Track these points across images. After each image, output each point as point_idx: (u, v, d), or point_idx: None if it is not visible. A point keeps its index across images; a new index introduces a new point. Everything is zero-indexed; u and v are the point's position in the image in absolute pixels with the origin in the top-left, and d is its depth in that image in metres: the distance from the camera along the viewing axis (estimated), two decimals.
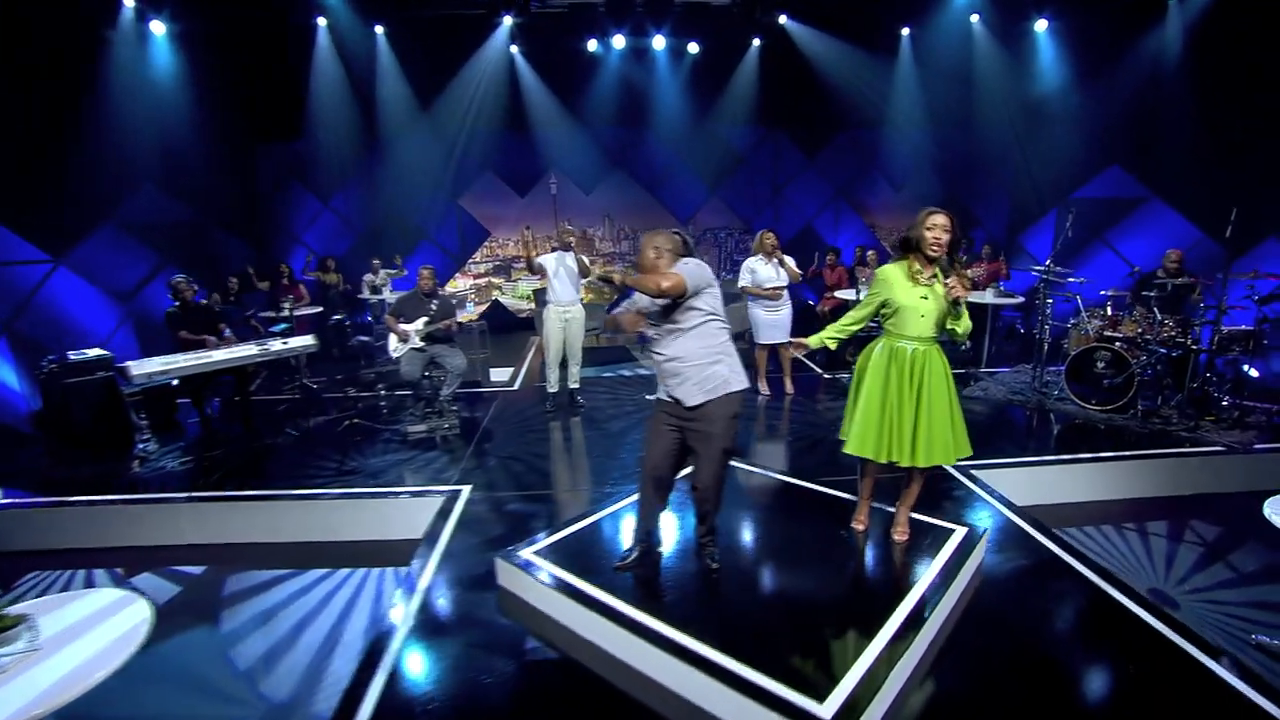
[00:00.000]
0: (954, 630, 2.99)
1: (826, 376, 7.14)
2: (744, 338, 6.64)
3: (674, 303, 2.93)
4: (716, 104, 10.16)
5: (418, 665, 2.83)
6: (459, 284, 10.78)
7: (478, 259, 10.86)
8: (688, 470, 3.30)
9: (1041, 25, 8.71)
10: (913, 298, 3.06)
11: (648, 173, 10.76)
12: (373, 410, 6.24)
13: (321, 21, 7.56)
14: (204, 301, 6.11)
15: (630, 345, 8.71)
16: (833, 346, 3.39)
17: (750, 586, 3.17)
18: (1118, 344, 5.73)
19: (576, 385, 6.21)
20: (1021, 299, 8.03)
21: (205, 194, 8.42)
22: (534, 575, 3.15)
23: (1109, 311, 5.95)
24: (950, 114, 9.99)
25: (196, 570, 4.01)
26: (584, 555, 3.35)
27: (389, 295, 8.38)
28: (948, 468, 4.58)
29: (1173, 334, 5.58)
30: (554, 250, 5.92)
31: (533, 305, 9.95)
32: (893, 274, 3.13)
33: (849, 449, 3.25)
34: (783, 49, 9.33)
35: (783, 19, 8.83)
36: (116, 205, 7.38)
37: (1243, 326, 5.90)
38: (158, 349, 5.51)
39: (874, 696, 2.39)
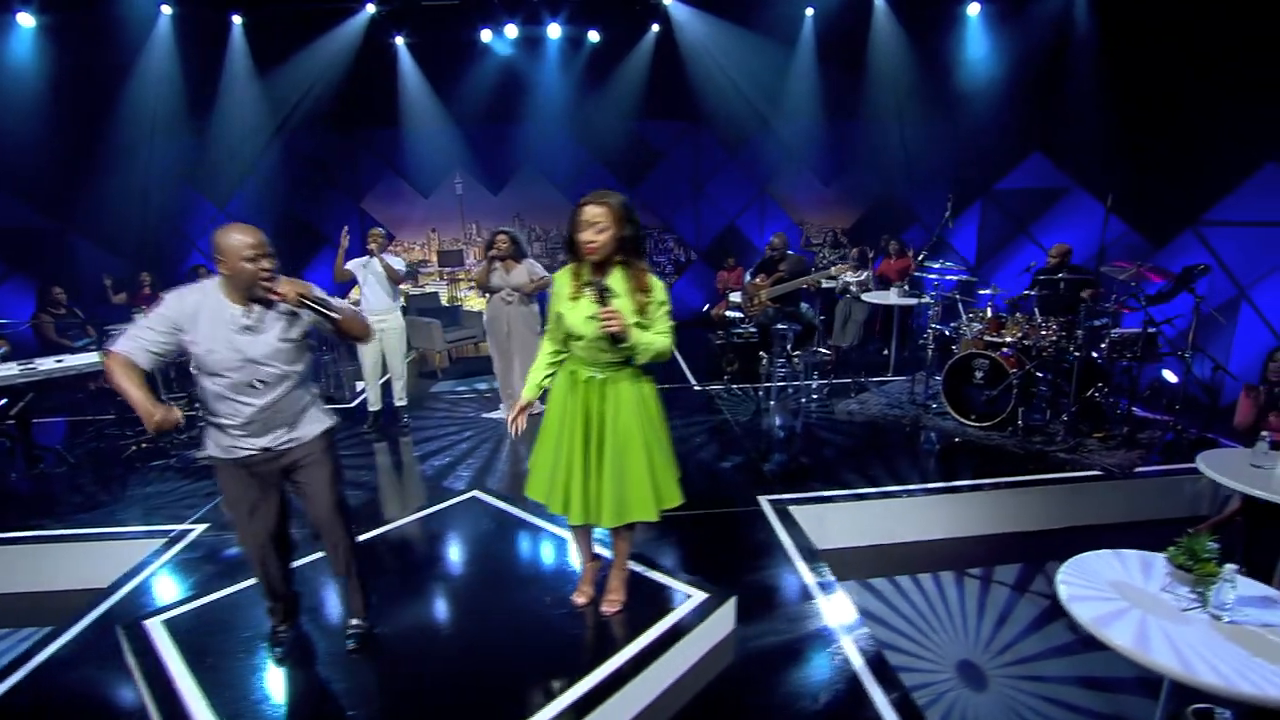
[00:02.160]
0: None
1: (696, 388, 6.49)
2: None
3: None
4: (628, 98, 9.52)
5: None
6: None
7: None
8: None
9: (974, 9, 8.01)
10: (577, 314, 2.40)
11: (559, 171, 10.15)
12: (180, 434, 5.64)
13: (166, 10, 6.95)
14: None
15: None
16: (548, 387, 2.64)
17: (401, 664, 2.55)
18: (1005, 350, 5.08)
19: (403, 402, 5.62)
20: (930, 298, 7.36)
21: (70, 199, 7.87)
22: (129, 658, 2.55)
23: (988, 314, 5.26)
24: (875, 105, 9.32)
25: None
26: (229, 627, 2.74)
27: None
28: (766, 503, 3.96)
29: (1056, 338, 4.90)
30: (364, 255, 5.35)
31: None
32: (561, 281, 2.48)
33: (527, 491, 2.63)
34: (683, 38, 8.69)
35: (669, 1, 8.13)
36: None
37: (1134, 329, 5.23)
38: None
39: None
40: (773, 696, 2.53)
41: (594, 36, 8.98)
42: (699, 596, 2.83)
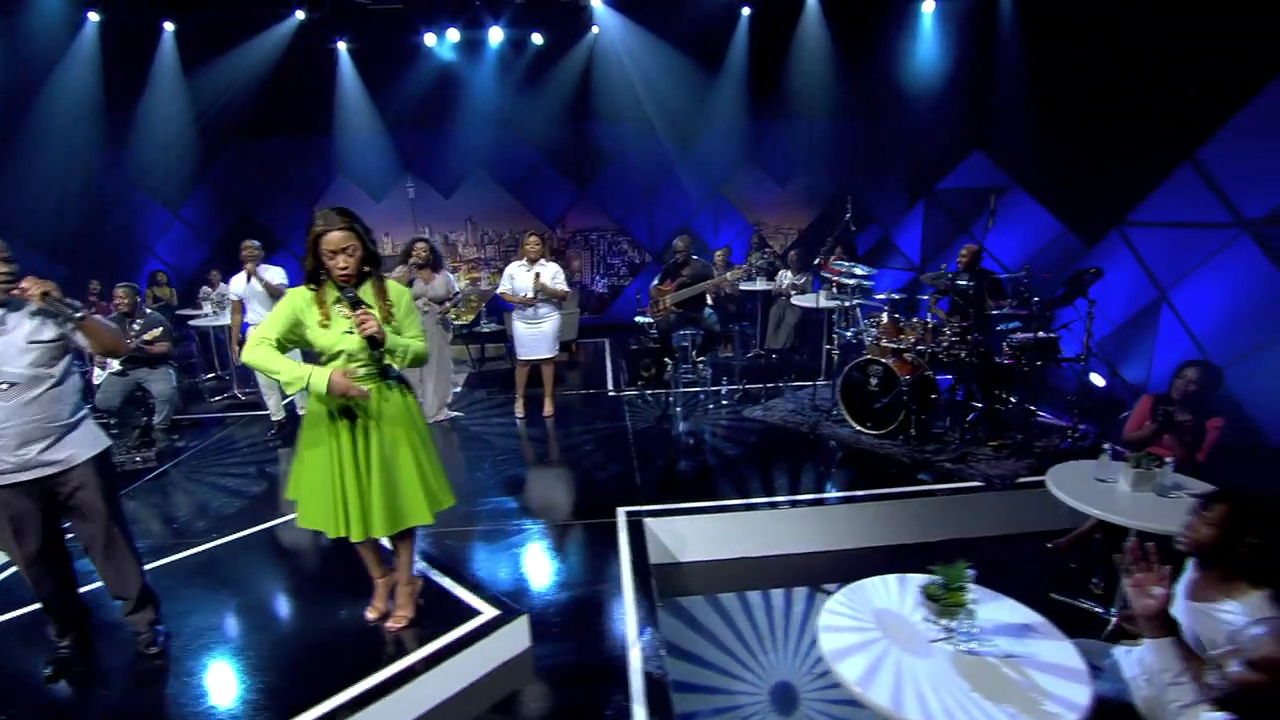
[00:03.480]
0: None
1: (611, 394, 6.43)
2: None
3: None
4: (575, 100, 9.47)
5: None
6: None
7: None
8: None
9: (929, 6, 7.84)
10: (333, 333, 2.39)
11: (511, 174, 10.12)
12: None
13: (93, 16, 6.97)
14: None
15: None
16: None
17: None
18: (906, 355, 4.97)
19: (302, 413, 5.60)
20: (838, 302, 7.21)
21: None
22: None
23: (884, 319, 5.15)
24: (830, 102, 9.18)
25: None
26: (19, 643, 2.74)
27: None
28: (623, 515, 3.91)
29: (950, 343, 4.78)
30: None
31: None
32: (300, 310, 2.43)
33: (300, 522, 2.59)
34: (618, 41, 8.61)
35: (596, 3, 8.04)
36: None
37: (1039, 335, 5.11)
38: None
39: None
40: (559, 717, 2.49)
41: (537, 39, 8.93)
42: (490, 614, 2.79)
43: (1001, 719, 1.82)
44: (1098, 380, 6.27)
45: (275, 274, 5.56)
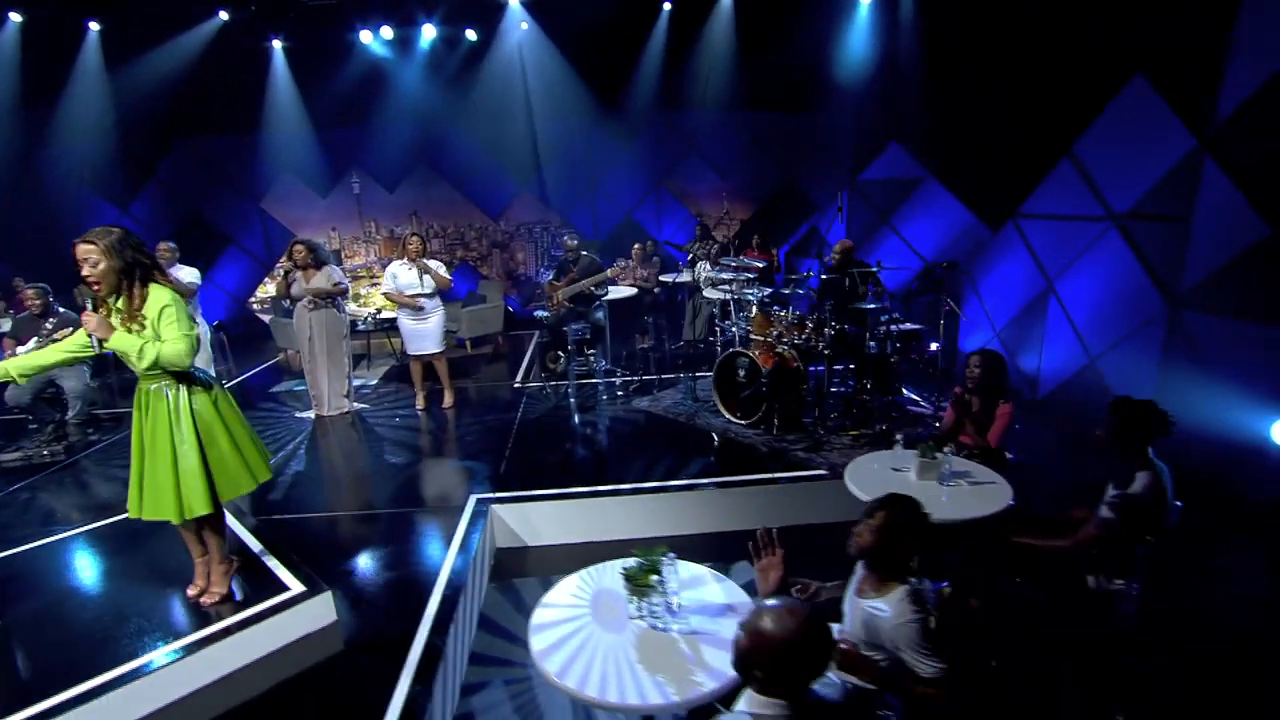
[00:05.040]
0: None
1: (516, 385, 6.64)
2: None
3: None
4: (512, 94, 9.61)
5: None
6: (269, 289, 10.44)
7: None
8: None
9: None
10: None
11: (453, 168, 10.28)
12: None
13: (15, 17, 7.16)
14: None
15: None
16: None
17: None
18: (778, 348, 5.16)
19: None
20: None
21: None
22: None
23: (755, 312, 5.33)
24: (775, 95, 9.28)
25: None
26: None
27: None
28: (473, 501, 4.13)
29: (807, 335, 4.97)
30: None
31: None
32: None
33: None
34: (543, 28, 8.74)
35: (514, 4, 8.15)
36: None
37: (912, 326, 5.29)
38: None
39: None
40: (340, 684, 2.77)
41: (471, 35, 9.05)
42: (297, 589, 3.04)
43: (649, 686, 2.03)
44: None
45: (187, 273, 5.75)
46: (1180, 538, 2.93)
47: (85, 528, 3.95)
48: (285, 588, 3.10)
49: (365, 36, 8.86)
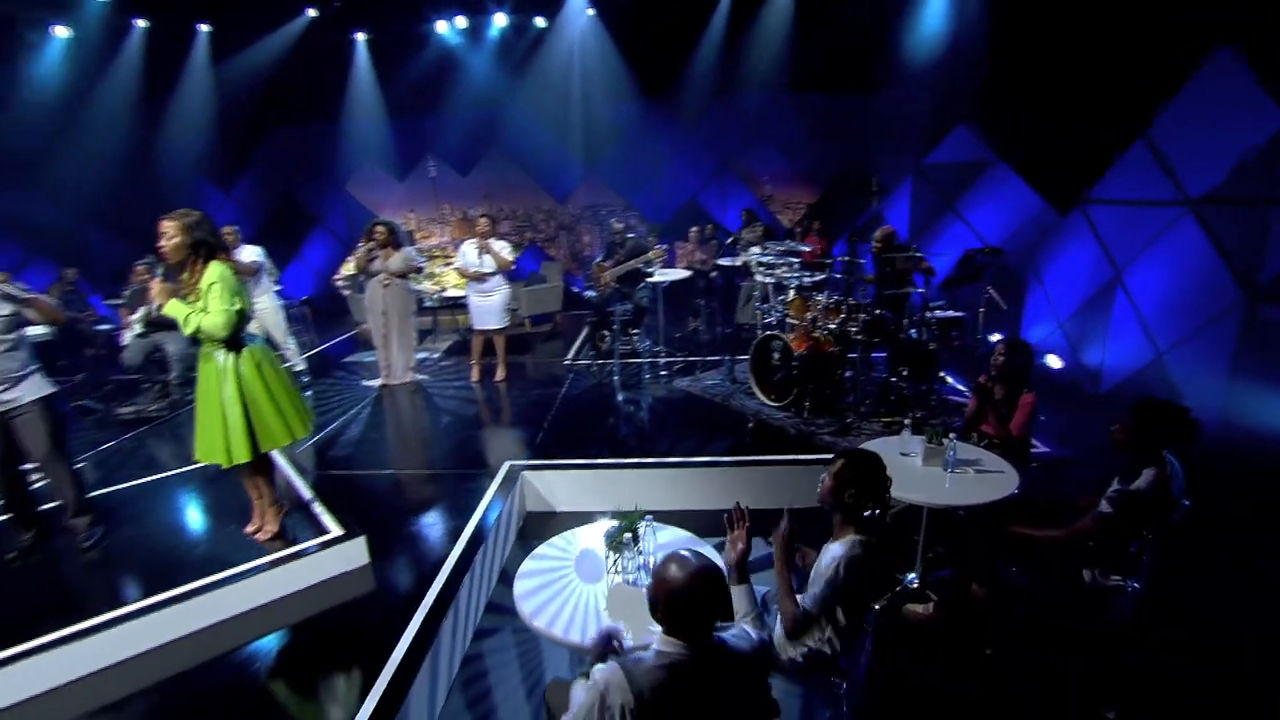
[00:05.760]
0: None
1: (566, 363, 6.92)
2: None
3: None
4: (579, 79, 9.85)
5: None
6: (350, 267, 11.21)
7: None
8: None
9: None
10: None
11: (522, 152, 10.65)
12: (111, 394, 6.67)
13: (140, 23, 8.00)
14: None
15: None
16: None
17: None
18: (816, 333, 5.17)
19: (302, 368, 6.50)
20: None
21: (90, 195, 9.22)
22: None
23: (791, 296, 5.34)
24: (840, 76, 9.10)
25: None
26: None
27: None
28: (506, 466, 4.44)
29: (839, 322, 4.95)
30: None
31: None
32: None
33: None
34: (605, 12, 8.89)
35: None
36: None
37: (953, 314, 5.15)
38: None
39: None
40: (368, 617, 3.13)
41: (540, 22, 9.34)
42: (335, 531, 3.42)
43: (591, 630, 2.22)
44: (1055, 362, 6.16)
45: (248, 253, 6.33)
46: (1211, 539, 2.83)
47: (175, 472, 4.52)
48: (327, 531, 3.48)
49: (441, 26, 9.32)
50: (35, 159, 8.51)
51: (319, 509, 3.72)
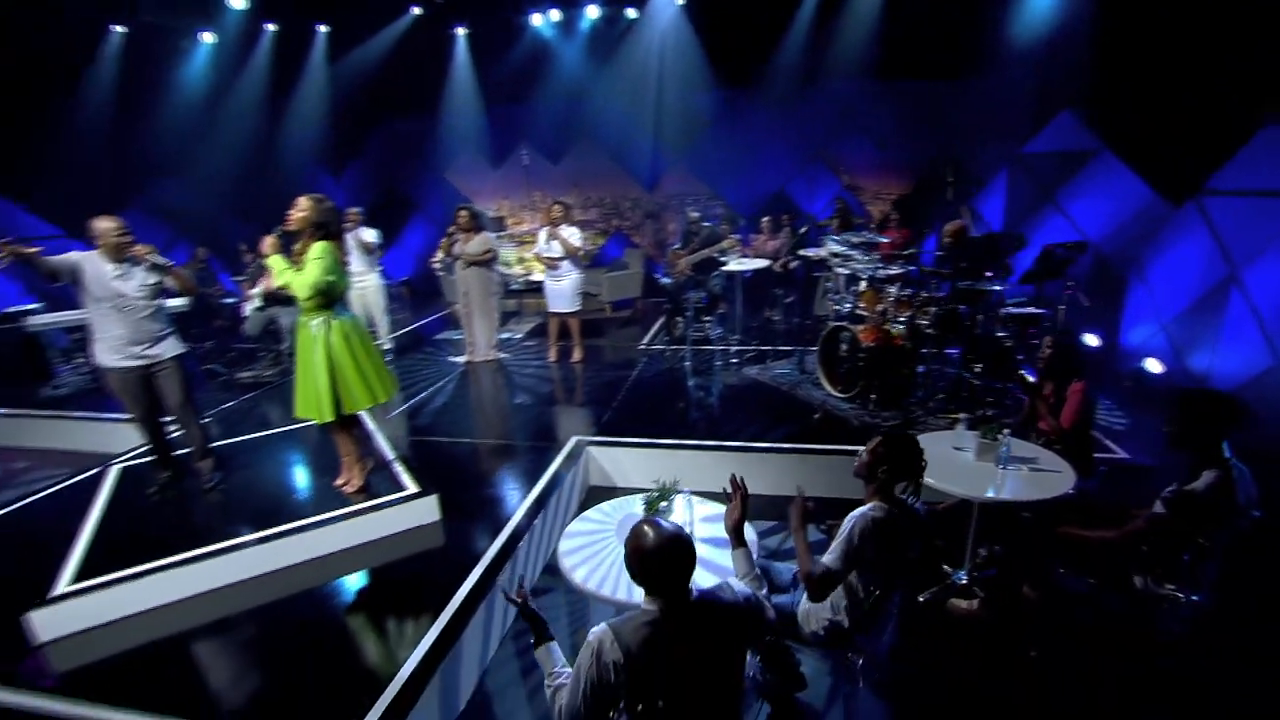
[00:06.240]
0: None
1: (640, 347, 7.10)
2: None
3: None
4: (667, 68, 9.96)
5: None
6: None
7: None
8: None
9: None
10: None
11: (610, 141, 10.89)
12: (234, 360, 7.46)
13: (270, 27, 8.84)
14: None
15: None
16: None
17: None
18: (887, 325, 5.11)
19: (389, 346, 7.02)
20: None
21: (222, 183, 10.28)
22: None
23: (862, 288, 5.26)
24: (934, 63, 8.75)
25: None
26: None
27: None
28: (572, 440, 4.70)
29: (909, 316, 4.85)
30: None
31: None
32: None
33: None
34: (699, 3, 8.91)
35: None
36: (139, 191, 9.50)
37: (1033, 310, 4.92)
38: None
39: None
40: (435, 567, 3.44)
41: (631, 14, 9.52)
42: (411, 489, 3.78)
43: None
44: (1154, 366, 5.75)
45: (368, 234, 6.88)
46: None
47: (284, 429, 5.07)
48: (405, 488, 3.84)
49: (536, 19, 9.68)
50: (183, 151, 9.60)
51: (399, 468, 4.09)
